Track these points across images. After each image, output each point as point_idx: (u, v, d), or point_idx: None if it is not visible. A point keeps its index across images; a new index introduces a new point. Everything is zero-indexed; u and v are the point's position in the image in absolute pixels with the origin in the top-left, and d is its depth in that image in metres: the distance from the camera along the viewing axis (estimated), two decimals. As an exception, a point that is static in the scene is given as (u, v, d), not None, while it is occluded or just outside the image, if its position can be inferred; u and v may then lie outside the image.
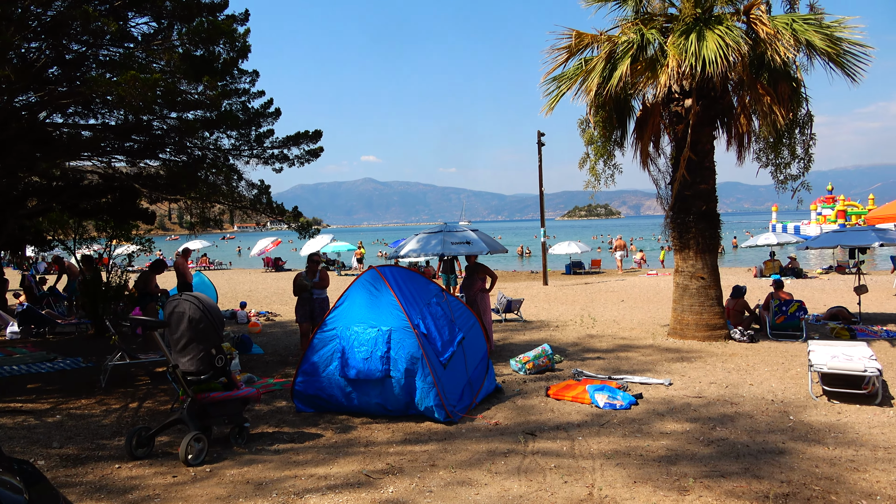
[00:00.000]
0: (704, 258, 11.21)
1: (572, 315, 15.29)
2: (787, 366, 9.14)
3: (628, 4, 11.91)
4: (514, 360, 9.34)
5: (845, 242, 13.11)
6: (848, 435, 6.10)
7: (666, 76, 10.05)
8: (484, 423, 6.70)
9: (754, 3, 10.51)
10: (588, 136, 11.94)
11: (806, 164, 11.36)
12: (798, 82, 10.91)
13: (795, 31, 10.06)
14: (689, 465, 5.36)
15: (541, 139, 25.15)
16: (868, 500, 4.62)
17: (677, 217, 11.47)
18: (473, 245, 10.36)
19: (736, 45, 9.58)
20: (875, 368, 7.14)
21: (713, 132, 11.55)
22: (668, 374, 8.78)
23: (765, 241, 26.98)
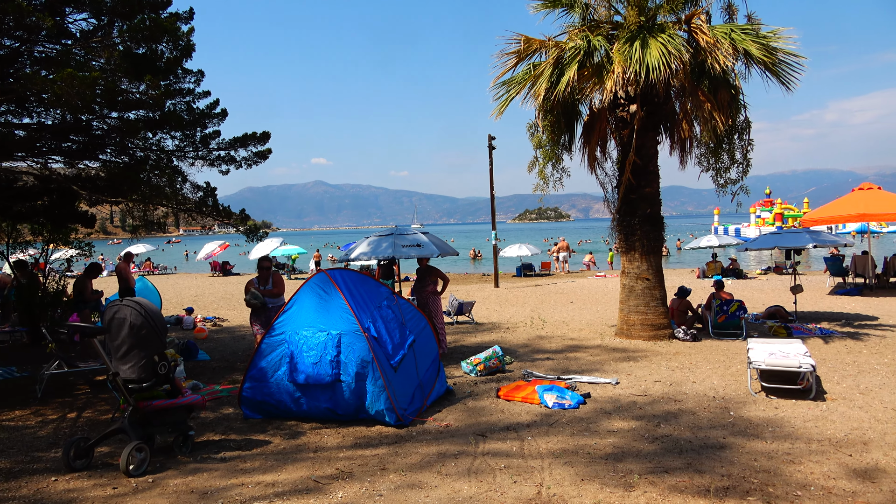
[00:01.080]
0: (649, 260, 11.51)
1: (523, 317, 15.45)
2: (727, 363, 9.45)
3: (575, 11, 12.14)
4: (465, 362, 9.39)
5: (781, 244, 13.65)
6: (784, 429, 6.34)
7: (612, 82, 10.29)
8: (435, 426, 6.71)
9: (695, 13, 10.85)
10: (537, 140, 12.11)
11: (744, 168, 11.79)
12: (737, 90, 11.32)
13: (734, 40, 10.42)
14: (634, 461, 5.48)
15: (491, 143, 25.36)
16: (803, 490, 4.82)
17: (623, 220, 11.73)
18: (424, 248, 10.37)
19: (678, 53, 9.88)
20: (809, 365, 7.45)
21: (657, 137, 11.87)
22: (616, 373, 8.97)
23: (707, 242, 27.86)
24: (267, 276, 10.02)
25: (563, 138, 12.55)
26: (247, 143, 10.74)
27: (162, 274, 40.00)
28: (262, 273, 10.04)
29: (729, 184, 11.84)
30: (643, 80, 10.03)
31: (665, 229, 11.98)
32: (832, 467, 5.28)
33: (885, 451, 5.65)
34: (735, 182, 11.79)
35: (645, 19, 11.22)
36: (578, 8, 12.06)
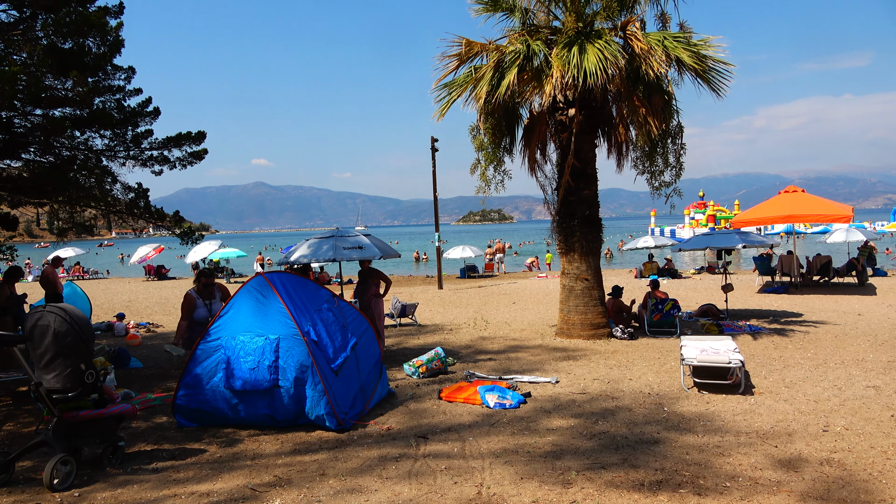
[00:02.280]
0: (588, 260, 11.75)
1: (466, 318, 15.54)
2: (662, 360, 9.74)
3: (515, 16, 12.30)
4: (407, 365, 9.36)
5: (713, 244, 14.18)
6: (715, 423, 6.58)
7: (551, 86, 10.47)
8: (376, 429, 6.66)
9: (630, 20, 11.15)
10: (478, 142, 12.20)
11: (677, 171, 12.18)
12: (670, 95, 11.69)
13: (667, 47, 10.76)
14: (572, 458, 5.58)
15: (434, 145, 25.43)
16: (731, 482, 5.01)
17: (563, 221, 11.95)
18: (366, 250, 10.29)
19: (614, 59, 10.13)
20: (738, 360, 7.76)
21: (595, 140, 12.14)
22: (556, 372, 9.11)
23: (643, 244, 28.67)
24: (212, 291, 8.38)
25: (505, 141, 12.68)
26: (181, 143, 10.43)
27: (93, 279, 38.38)
28: (206, 289, 8.33)
29: (663, 186, 12.21)
30: (581, 84, 10.24)
31: (603, 230, 12.27)
32: (759, 458, 5.50)
33: (808, 441, 5.93)
34: (669, 185, 12.17)
35: (582, 25, 11.46)
36: (518, 12, 12.23)
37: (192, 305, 8.17)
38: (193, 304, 8.18)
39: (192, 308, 8.16)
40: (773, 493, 4.76)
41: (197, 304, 8.20)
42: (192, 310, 8.15)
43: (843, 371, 8.74)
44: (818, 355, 9.83)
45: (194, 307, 8.16)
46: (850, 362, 9.28)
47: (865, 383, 8.04)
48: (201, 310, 8.17)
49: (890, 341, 10.78)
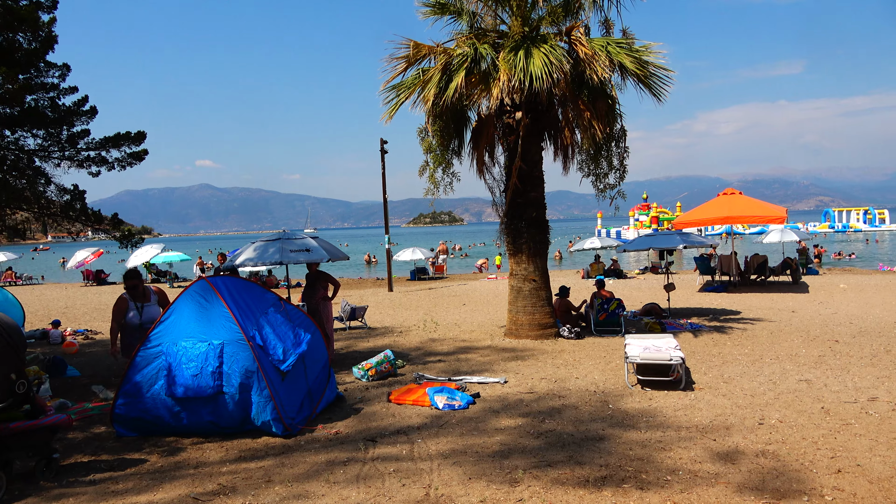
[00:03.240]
0: (536, 262, 11.92)
1: (416, 320, 15.53)
2: (608, 359, 9.95)
3: (463, 19, 12.39)
4: (356, 368, 9.29)
5: (656, 245, 14.57)
6: (657, 418, 6.77)
7: (498, 89, 10.58)
8: (324, 434, 6.59)
9: (575, 26, 11.38)
10: (427, 144, 12.22)
11: (621, 174, 12.48)
12: (613, 100, 11.95)
13: (610, 52, 11.02)
14: (520, 457, 5.65)
15: (384, 147, 25.33)
16: (672, 475, 5.16)
17: (511, 223, 12.08)
18: (314, 252, 10.17)
19: (559, 64, 10.30)
20: (679, 357, 8.00)
21: (542, 143, 12.33)
22: (504, 372, 9.20)
23: (590, 245, 29.24)
24: (145, 293, 8.14)
25: (453, 143, 12.75)
26: (120, 144, 10.10)
27: (26, 284, 36.71)
28: (135, 292, 8.02)
29: (608, 188, 12.48)
30: (527, 88, 10.39)
31: (551, 232, 12.46)
32: (698, 452, 5.69)
33: (744, 434, 6.16)
34: (613, 187, 12.45)
35: (529, 30, 11.63)
36: (466, 16, 12.33)
37: (122, 309, 7.96)
38: (125, 308, 7.97)
39: (122, 311, 7.95)
40: (712, 486, 4.93)
41: (129, 306, 7.99)
42: (123, 313, 7.94)
43: (777, 366, 9.11)
44: (755, 351, 10.22)
45: (125, 310, 7.96)
46: (784, 357, 9.69)
47: (798, 377, 8.41)
48: (132, 314, 7.95)
49: (821, 337, 11.30)
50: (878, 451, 5.60)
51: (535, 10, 11.94)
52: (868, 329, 11.95)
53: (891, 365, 8.96)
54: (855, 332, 11.72)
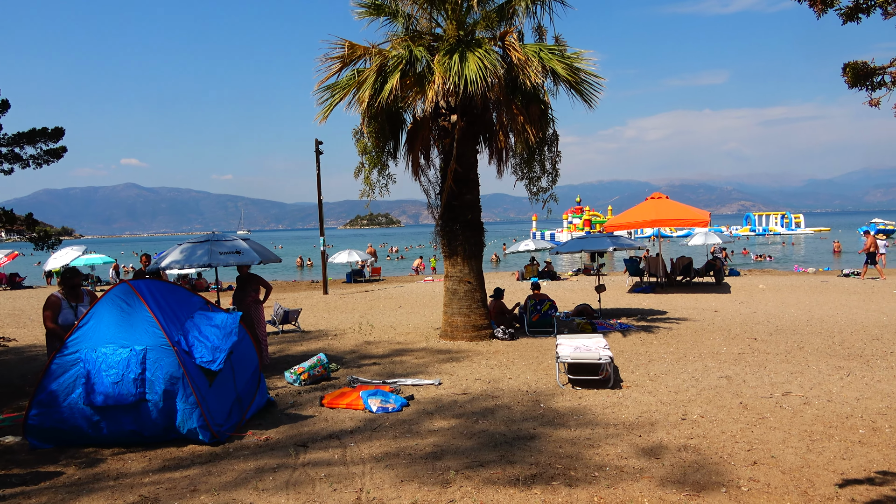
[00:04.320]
0: (471, 263, 12.01)
1: (351, 323, 15.38)
2: (540, 359, 10.13)
3: (399, 21, 12.38)
4: (288, 372, 9.12)
5: (587, 247, 14.93)
6: (586, 416, 6.93)
7: (433, 92, 10.62)
8: (253, 440, 6.43)
9: (508, 31, 11.54)
10: (362, 146, 12.13)
11: (553, 177, 12.73)
12: (546, 105, 12.20)
13: (543, 58, 11.24)
14: (452, 458, 5.68)
15: (319, 147, 25.00)
16: (599, 471, 5.30)
17: (446, 226, 12.14)
18: (244, 255, 9.92)
19: (493, 68, 10.43)
20: (608, 356, 8.22)
21: (477, 146, 12.44)
22: (439, 374, 9.23)
23: (525, 247, 29.70)
24: (80, 294, 7.82)
25: (389, 145, 12.71)
26: (35, 140, 9.58)
27: (-69, 289, 34.29)
28: (73, 291, 7.73)
29: (540, 192, 12.70)
30: (462, 91, 10.47)
31: (486, 234, 12.58)
32: (625, 448, 5.86)
33: (668, 430, 6.39)
34: (546, 190, 12.68)
35: (463, 33, 11.73)
36: (401, 18, 12.32)
37: (56, 308, 7.50)
38: (58, 307, 7.52)
39: (56, 310, 7.49)
40: (636, 480, 5.09)
41: (62, 305, 7.55)
42: (58, 312, 7.49)
43: (700, 363, 9.49)
44: (679, 349, 10.61)
45: (59, 309, 7.51)
46: (706, 355, 10.10)
47: (719, 374, 8.78)
48: (67, 312, 7.51)
49: (741, 335, 11.84)
50: (790, 443, 5.91)
51: (469, 14, 12.04)
52: (784, 327, 12.61)
53: (803, 361, 9.48)
54: (772, 330, 12.34)
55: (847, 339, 11.17)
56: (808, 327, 12.50)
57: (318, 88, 11.72)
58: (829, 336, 11.48)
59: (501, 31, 11.76)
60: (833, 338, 11.30)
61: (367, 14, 12.44)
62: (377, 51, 11.53)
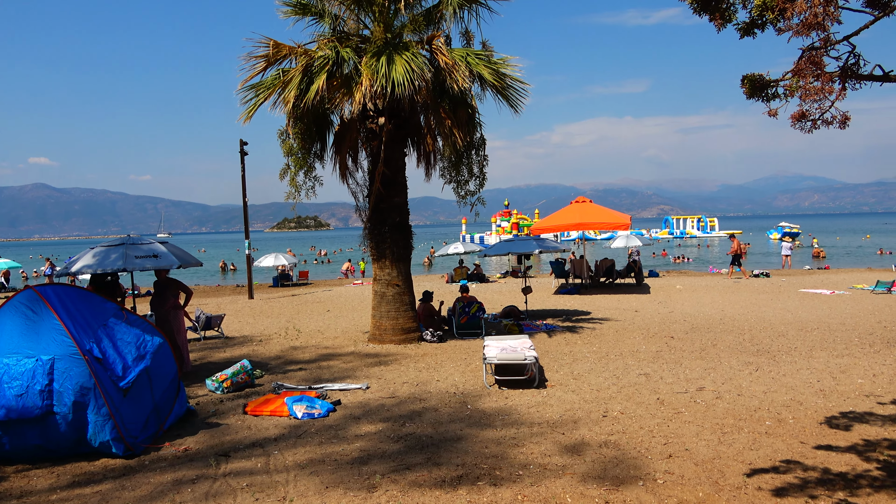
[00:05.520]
0: (399, 266, 11.99)
1: (277, 328, 15.05)
2: (468, 361, 10.22)
3: (325, 21, 12.24)
4: (210, 380, 8.83)
5: (514, 250, 15.19)
6: (512, 416, 7.04)
7: (360, 94, 10.55)
8: (171, 451, 6.19)
9: (436, 35, 11.60)
10: (287, 147, 11.91)
11: (481, 181, 12.89)
12: (473, 109, 12.34)
13: (470, 63, 11.35)
14: (379, 462, 5.64)
15: (243, 148, 24.36)
16: (524, 470, 5.39)
17: (374, 228, 12.08)
18: (162, 259, 9.53)
19: (420, 71, 10.46)
20: (533, 357, 8.39)
21: (405, 149, 12.45)
22: (367, 378, 9.16)
23: (454, 250, 29.91)
24: None
25: (315, 146, 12.54)
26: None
27: None
28: None
29: (468, 195, 12.84)
30: (390, 94, 10.44)
31: (414, 237, 12.58)
32: (548, 446, 5.99)
33: (590, 427, 6.57)
34: (473, 193, 12.82)
35: (391, 36, 11.71)
36: (328, 18, 12.18)
37: None
38: None
39: None
40: (559, 477, 5.21)
41: None
42: None
43: (620, 362, 9.82)
44: (602, 349, 10.94)
45: None
46: (627, 353, 10.46)
47: (638, 371, 9.11)
48: None
49: (659, 334, 12.33)
50: (703, 436, 6.20)
51: (397, 17, 12.05)
52: (699, 325, 13.21)
53: (716, 357, 9.97)
54: (688, 328, 12.91)
55: (756, 336, 11.82)
56: (721, 325, 13.15)
57: (241, 88, 11.44)
58: (739, 333, 12.11)
59: (429, 35, 11.81)
60: (743, 335, 11.93)
61: (292, 13, 12.24)
62: (303, 51, 11.35)
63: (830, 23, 3.39)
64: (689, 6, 4.15)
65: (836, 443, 5.91)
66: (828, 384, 8.12)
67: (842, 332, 12.04)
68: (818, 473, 5.17)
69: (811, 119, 3.93)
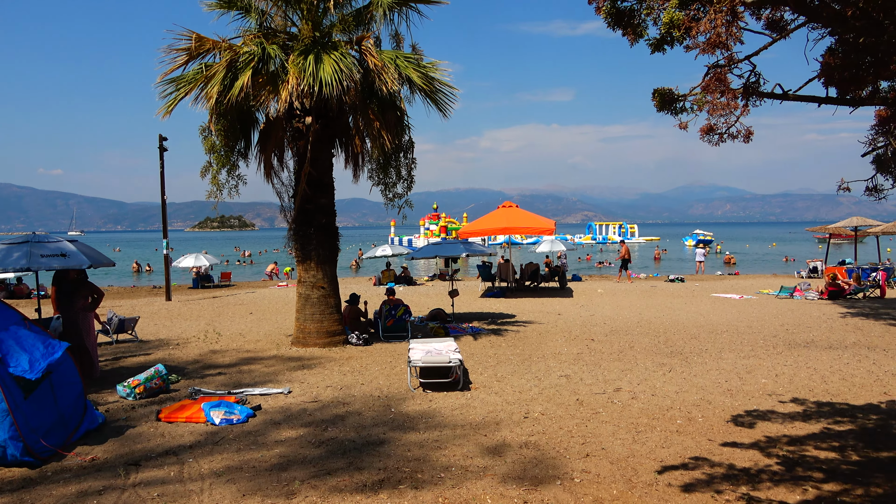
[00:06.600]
0: (325, 269, 11.82)
1: (196, 331, 14.53)
2: (393, 364, 10.19)
3: (252, 16, 11.94)
4: (121, 385, 8.42)
5: (441, 253, 15.28)
6: (436, 419, 7.07)
7: (286, 92, 10.34)
8: (77, 461, 5.86)
9: (365, 36, 11.51)
10: (209, 144, 11.54)
11: (409, 184, 12.88)
12: (402, 112, 12.32)
13: (399, 66, 11.33)
14: (299, 469, 5.54)
15: (163, 144, 23.41)
16: (445, 472, 5.42)
17: (300, 230, 11.86)
18: (71, 258, 9.01)
19: (349, 72, 10.35)
20: (457, 359, 8.45)
21: (332, 150, 12.29)
22: (289, 382, 8.98)
23: (381, 252, 29.77)
24: None
25: (239, 144, 12.21)
26: None
27: None
28: None
29: (396, 198, 12.81)
30: (317, 93, 10.29)
31: (344, 240, 12.43)
32: (470, 448, 6.04)
33: (511, 428, 6.68)
34: (401, 196, 12.80)
35: (319, 35, 11.55)
36: (255, 13, 11.89)
37: None
38: None
39: None
40: (480, 478, 5.27)
41: None
42: None
43: (543, 364, 10.04)
44: (525, 351, 11.15)
45: None
46: (549, 356, 10.70)
47: (559, 373, 9.34)
48: None
49: (580, 336, 12.68)
50: (619, 436, 6.41)
51: (326, 16, 11.89)
52: (618, 328, 13.67)
53: (633, 359, 10.34)
54: (608, 331, 13.34)
55: (670, 338, 12.34)
56: (639, 328, 13.66)
57: (161, 81, 11.00)
58: (655, 336, 12.62)
59: (358, 36, 11.72)
60: (659, 337, 12.43)
61: (217, 6, 11.89)
62: (227, 45, 11.04)
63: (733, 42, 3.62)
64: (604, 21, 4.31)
65: (740, 440, 6.24)
66: (735, 384, 8.58)
67: (749, 334, 12.74)
68: (724, 469, 5.45)
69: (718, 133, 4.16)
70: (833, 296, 19.34)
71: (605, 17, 4.39)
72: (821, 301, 18.92)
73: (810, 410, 7.31)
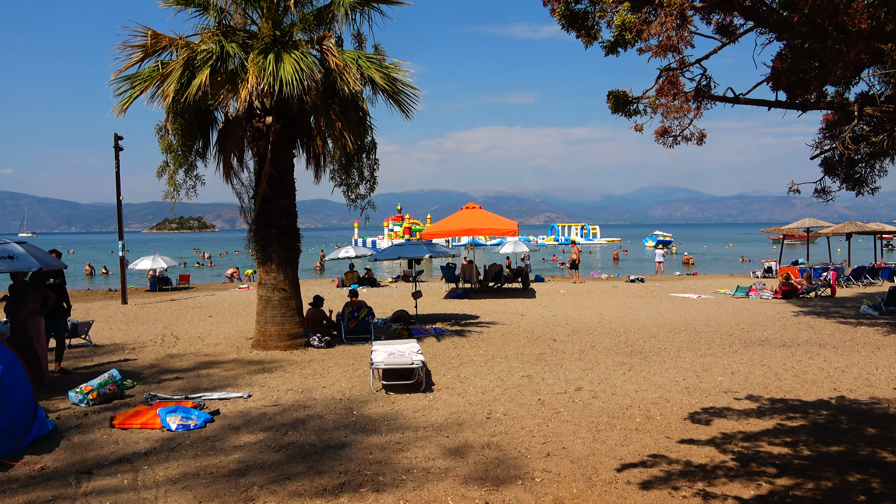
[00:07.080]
0: (286, 270, 11.67)
1: (153, 335, 14.19)
2: (356, 366, 10.11)
3: (210, 14, 11.74)
4: (73, 392, 8.16)
5: (404, 254, 15.24)
6: (398, 421, 7.03)
7: (246, 91, 10.20)
8: (25, 471, 5.66)
9: (326, 36, 11.42)
10: (166, 143, 11.30)
11: (372, 185, 12.82)
12: (365, 112, 12.25)
13: (361, 66, 11.28)
14: (258, 474, 5.45)
15: (118, 143, 22.82)
16: (407, 474, 5.39)
17: (260, 231, 11.69)
18: (19, 260, 8.69)
19: (310, 71, 10.26)
20: (420, 361, 8.43)
21: (293, 150, 12.14)
22: (249, 386, 8.83)
23: (344, 254, 29.57)
24: None
25: (197, 144, 11.99)
26: None
27: None
28: None
29: (359, 199, 12.73)
30: (277, 92, 10.17)
31: (305, 241, 12.29)
32: (432, 450, 6.03)
33: (474, 429, 6.69)
34: (364, 197, 12.74)
35: (280, 34, 11.40)
36: (213, 11, 11.69)
37: None
38: None
39: None
40: (442, 480, 5.26)
41: None
42: None
43: (505, 364, 10.08)
44: (488, 352, 11.19)
45: None
46: (511, 356, 10.75)
47: (522, 373, 9.39)
48: None
49: (542, 337, 12.78)
50: (579, 435, 6.48)
51: (287, 14, 11.75)
52: (580, 328, 13.83)
53: (594, 359, 10.47)
54: (569, 331, 13.48)
55: (630, 338, 12.54)
56: (600, 328, 13.84)
57: (115, 78, 10.76)
58: (616, 335, 12.80)
59: (319, 35, 11.61)
60: (619, 337, 12.62)
61: (174, 3, 11.68)
62: (184, 43, 10.84)
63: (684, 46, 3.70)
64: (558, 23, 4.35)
65: (697, 437, 6.37)
66: (692, 382, 8.75)
67: (706, 333, 13.03)
68: (681, 466, 5.55)
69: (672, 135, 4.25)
70: (787, 295, 19.91)
71: (559, 20, 4.43)
72: (775, 300, 19.46)
73: (764, 407, 7.50)
